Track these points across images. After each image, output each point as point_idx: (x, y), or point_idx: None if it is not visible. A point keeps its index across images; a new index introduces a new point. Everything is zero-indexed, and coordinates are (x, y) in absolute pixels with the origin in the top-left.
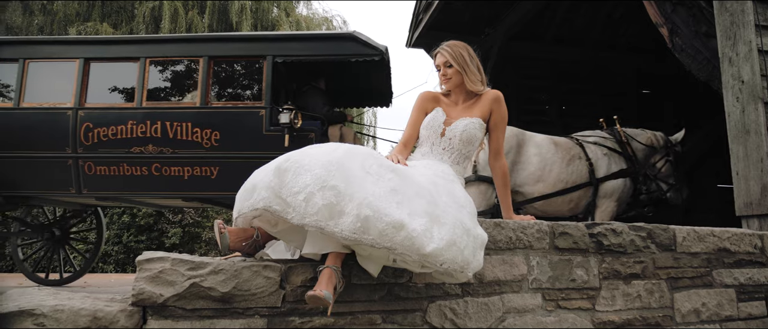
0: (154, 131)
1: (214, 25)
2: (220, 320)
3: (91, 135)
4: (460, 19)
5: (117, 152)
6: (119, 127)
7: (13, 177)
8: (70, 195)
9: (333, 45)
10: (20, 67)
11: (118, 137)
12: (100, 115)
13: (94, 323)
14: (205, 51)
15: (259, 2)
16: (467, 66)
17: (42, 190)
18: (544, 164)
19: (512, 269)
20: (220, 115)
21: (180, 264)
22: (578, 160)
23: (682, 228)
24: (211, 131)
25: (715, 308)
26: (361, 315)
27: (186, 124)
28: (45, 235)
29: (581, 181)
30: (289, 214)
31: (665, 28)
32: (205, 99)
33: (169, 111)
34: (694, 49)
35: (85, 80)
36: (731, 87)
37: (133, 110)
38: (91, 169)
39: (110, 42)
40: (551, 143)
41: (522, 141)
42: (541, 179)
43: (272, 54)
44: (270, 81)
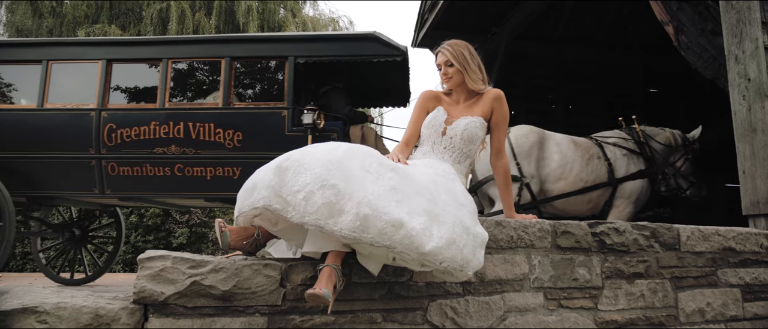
0: (177, 131)
1: (220, 26)
2: (220, 318)
3: (114, 136)
4: (465, 18)
5: (140, 153)
6: (142, 128)
7: (36, 178)
8: (94, 196)
9: (355, 45)
10: (43, 68)
11: (141, 137)
12: (123, 116)
13: (96, 320)
14: (226, 52)
15: (265, 3)
16: (468, 65)
17: (65, 190)
18: (565, 162)
19: (514, 268)
20: (242, 116)
21: (181, 262)
22: (597, 159)
23: (687, 227)
24: (233, 131)
25: (720, 308)
26: (362, 313)
27: (208, 125)
28: (65, 235)
29: (600, 181)
30: (289, 213)
31: (671, 26)
32: (227, 100)
33: (192, 112)
34: (700, 47)
35: (108, 81)
36: (737, 85)
37: (155, 110)
38: (114, 170)
39: (132, 43)
40: (571, 142)
41: (542, 139)
42: (561, 177)
43: (294, 55)
44: (292, 82)
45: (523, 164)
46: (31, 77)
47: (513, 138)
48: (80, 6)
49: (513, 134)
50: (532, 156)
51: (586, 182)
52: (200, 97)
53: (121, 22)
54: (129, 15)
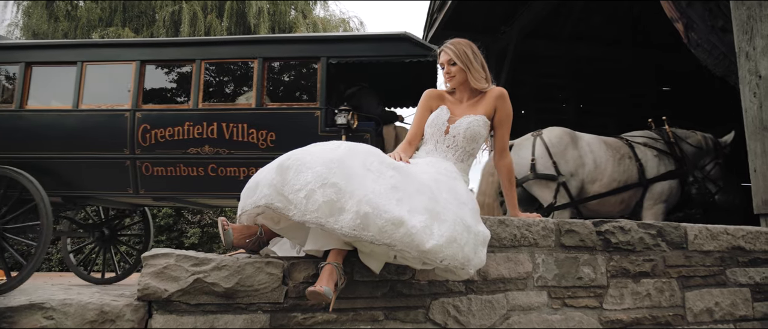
0: (211, 132)
1: (232, 28)
2: (223, 315)
3: (148, 136)
4: (474, 17)
5: (174, 153)
6: (176, 128)
7: (71, 178)
8: (128, 196)
9: (387, 46)
10: (78, 69)
11: (175, 138)
12: (157, 116)
13: (101, 316)
14: (259, 53)
15: (276, 5)
16: (471, 64)
17: (100, 190)
18: (597, 163)
19: (517, 266)
20: (275, 116)
21: (184, 259)
22: (628, 160)
23: (694, 226)
24: (266, 132)
25: (728, 307)
26: (364, 311)
27: (242, 125)
28: (95, 234)
29: (631, 181)
30: (291, 211)
31: (681, 24)
32: (260, 100)
33: (225, 112)
34: (710, 44)
35: (142, 82)
36: (748, 82)
37: (189, 111)
38: (148, 170)
39: (166, 44)
40: (601, 142)
41: (575, 139)
42: (596, 178)
43: (326, 55)
44: (325, 82)
45: (560, 163)
46: (59, 78)
47: (547, 139)
48: (94, 9)
49: (546, 135)
50: (568, 156)
51: (619, 183)
52: (233, 97)
53: (134, 24)
54: (142, 18)
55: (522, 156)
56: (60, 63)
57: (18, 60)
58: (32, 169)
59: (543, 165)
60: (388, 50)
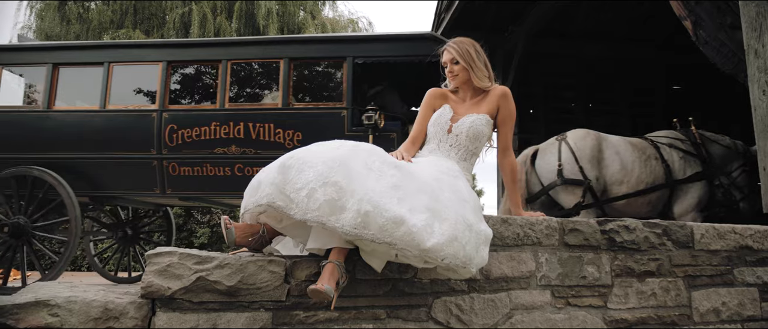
0: (237, 132)
1: (241, 29)
2: (225, 313)
3: (175, 136)
4: (482, 17)
5: (200, 153)
6: (203, 128)
7: (99, 178)
8: (155, 195)
9: (412, 46)
10: (105, 70)
11: (201, 138)
12: (183, 116)
13: (105, 314)
14: (285, 53)
15: (285, 6)
16: (474, 62)
17: (127, 190)
18: (624, 164)
19: (520, 265)
20: (301, 116)
21: (187, 258)
22: (654, 161)
23: (701, 225)
24: (293, 131)
25: (736, 307)
26: (366, 309)
27: (268, 125)
28: (118, 234)
29: (658, 182)
30: (292, 210)
31: (689, 21)
32: (286, 100)
33: (252, 112)
34: (718, 41)
35: (168, 83)
36: (757, 80)
37: (215, 111)
38: (175, 170)
39: (192, 45)
40: (627, 143)
41: (600, 141)
42: (623, 180)
43: (352, 55)
44: (351, 82)
45: (586, 167)
46: (82, 79)
47: (572, 142)
48: (106, 12)
49: (571, 138)
50: (595, 159)
51: (646, 184)
52: (259, 98)
53: (145, 26)
54: (152, 20)
55: (548, 161)
56: (87, 64)
57: (45, 61)
58: (59, 169)
59: (570, 170)
60: (413, 50)
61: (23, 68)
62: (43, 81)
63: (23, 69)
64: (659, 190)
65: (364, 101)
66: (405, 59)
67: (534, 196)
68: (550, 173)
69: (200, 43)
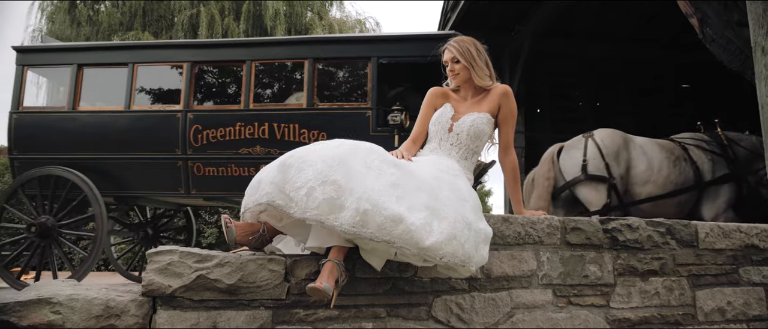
0: (262, 132)
1: (249, 30)
2: (226, 311)
3: (200, 137)
4: (487, 16)
5: (225, 153)
6: (227, 129)
7: (124, 178)
8: (179, 196)
9: (436, 45)
10: (130, 71)
11: (226, 138)
12: (208, 117)
13: (107, 311)
14: (309, 53)
15: (292, 7)
16: (475, 61)
17: (152, 190)
18: (652, 164)
19: (521, 264)
20: (326, 116)
21: (187, 256)
22: (683, 162)
23: (705, 224)
24: (318, 132)
25: (741, 307)
26: (366, 308)
27: (293, 125)
28: (140, 234)
29: (688, 184)
30: (292, 208)
31: (695, 19)
32: (311, 100)
33: (277, 113)
34: (725, 39)
35: (193, 83)
36: (764, 78)
37: (240, 112)
38: (200, 170)
39: (217, 45)
40: (655, 144)
41: (627, 141)
42: (650, 179)
43: (377, 55)
44: (376, 82)
45: (612, 165)
46: (106, 80)
47: (599, 140)
48: (115, 14)
49: (598, 136)
50: (621, 157)
51: (676, 185)
52: (283, 98)
53: (153, 28)
54: (161, 22)
55: (573, 157)
56: (111, 65)
57: (70, 62)
58: (85, 169)
59: (595, 167)
60: (436, 49)
61: (48, 69)
62: (67, 82)
63: (48, 70)
64: (689, 192)
65: (385, 101)
66: (431, 59)
67: (557, 192)
68: (575, 168)
69: (225, 43)
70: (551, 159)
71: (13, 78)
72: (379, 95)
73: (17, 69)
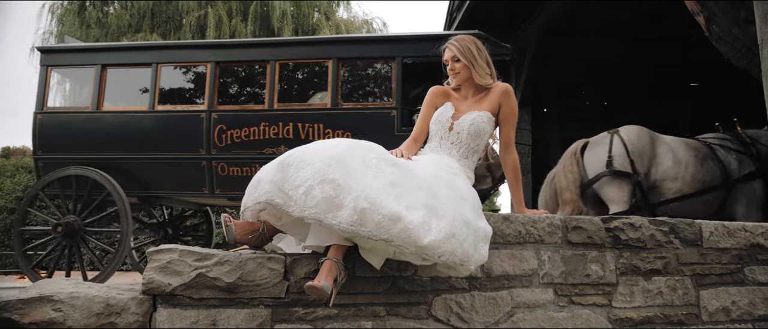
0: (286, 132)
1: (256, 31)
2: (225, 309)
3: (224, 137)
4: (493, 15)
5: (250, 153)
6: (252, 128)
7: (148, 178)
8: (203, 196)
9: None
10: (153, 71)
11: (250, 138)
12: (233, 117)
13: (107, 309)
14: (334, 53)
15: (299, 8)
16: (475, 60)
17: (176, 190)
18: (679, 161)
19: (522, 263)
20: (351, 116)
21: (187, 255)
22: (710, 161)
23: (709, 223)
24: (342, 132)
25: (746, 307)
26: (365, 307)
27: (318, 125)
28: (160, 234)
29: (716, 182)
30: (290, 207)
31: (702, 16)
32: (335, 100)
33: (301, 113)
34: (732, 36)
35: (216, 83)
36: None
37: (265, 111)
38: (224, 170)
39: (240, 46)
40: (682, 142)
41: (653, 139)
42: (677, 176)
43: (401, 55)
44: (400, 82)
45: (637, 161)
46: (129, 80)
47: (625, 137)
48: (124, 16)
49: (624, 133)
50: (646, 155)
51: (704, 184)
52: (306, 98)
53: (162, 30)
54: (169, 23)
55: (598, 153)
56: (135, 65)
57: (94, 62)
58: (109, 170)
59: (620, 163)
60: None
61: (71, 69)
62: (91, 82)
63: (71, 70)
64: (717, 190)
65: (409, 100)
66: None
67: (581, 188)
68: (599, 164)
69: (249, 43)
70: (574, 155)
71: (37, 78)
72: (404, 94)
73: (41, 69)
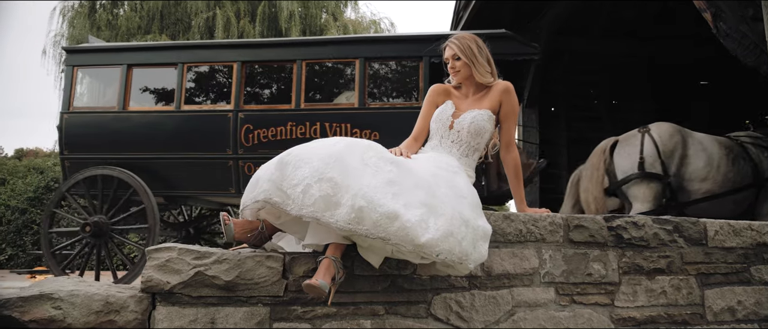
0: (313, 132)
1: (264, 32)
2: (224, 307)
3: (251, 136)
4: (500, 15)
5: (276, 153)
6: (279, 128)
7: (174, 178)
8: (230, 195)
9: (489, 44)
10: (179, 71)
11: (277, 138)
12: (259, 117)
13: (106, 307)
14: (360, 53)
15: (307, 9)
16: (476, 58)
17: (202, 190)
18: (711, 161)
19: (523, 262)
20: (378, 115)
21: (186, 253)
22: (742, 160)
23: (715, 222)
24: (370, 131)
25: (753, 306)
26: (364, 305)
27: (345, 125)
28: (182, 233)
29: (746, 181)
30: (288, 205)
31: (709, 13)
32: (362, 100)
33: (328, 112)
34: (739, 33)
35: (243, 83)
36: None
37: (292, 111)
38: (250, 170)
39: (266, 45)
40: (714, 140)
41: (686, 137)
42: (708, 176)
43: (428, 54)
44: (427, 81)
45: (668, 162)
46: (154, 79)
47: (656, 136)
48: (133, 18)
49: (656, 132)
50: (677, 154)
51: (734, 183)
52: (332, 97)
53: (170, 31)
54: (178, 25)
55: (629, 153)
56: (161, 65)
57: (120, 62)
58: (135, 169)
59: (651, 164)
60: (492, 49)
61: (97, 69)
62: (117, 82)
63: (96, 70)
64: (748, 190)
65: None
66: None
67: (609, 190)
68: (630, 165)
69: (275, 43)
70: (603, 153)
71: (63, 78)
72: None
73: (67, 69)
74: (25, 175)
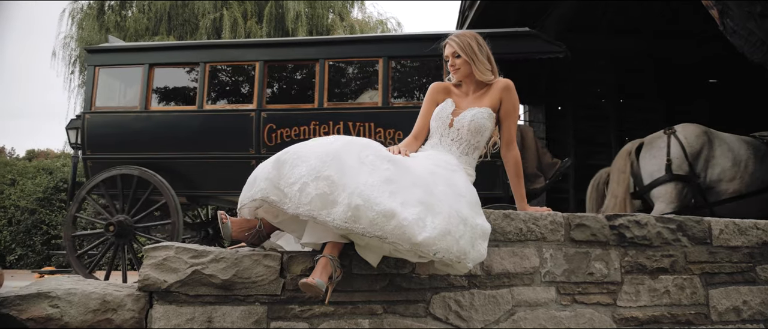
0: (337, 131)
1: (271, 32)
2: (221, 306)
3: (274, 136)
4: (505, 14)
5: None
6: (302, 127)
7: (197, 178)
8: None
9: (515, 43)
10: (201, 70)
11: (300, 137)
12: (282, 116)
13: (104, 306)
14: (383, 51)
15: (314, 9)
16: (476, 56)
17: (225, 190)
18: (738, 161)
19: (523, 261)
20: (402, 114)
21: (183, 252)
22: None
23: (719, 221)
24: (394, 130)
25: (758, 306)
26: (362, 304)
27: (369, 124)
28: (201, 234)
29: None
30: (285, 204)
31: (715, 10)
32: (386, 99)
33: (352, 111)
34: (747, 30)
35: (265, 82)
36: None
37: (315, 110)
38: None
39: (289, 44)
40: (741, 140)
41: (712, 138)
42: (736, 176)
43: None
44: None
45: (695, 164)
46: (176, 79)
47: (682, 138)
48: (142, 20)
49: (682, 133)
50: (702, 156)
51: (763, 182)
52: (355, 96)
53: (178, 32)
54: (186, 26)
55: (655, 156)
56: (183, 64)
57: (141, 62)
58: (157, 169)
59: (678, 166)
60: (517, 47)
61: (119, 69)
62: (139, 82)
63: (118, 70)
64: None
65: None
66: (504, 57)
67: (635, 194)
68: (657, 168)
69: (298, 42)
70: (629, 156)
71: (86, 78)
72: None
73: (89, 69)
74: (34, 176)
